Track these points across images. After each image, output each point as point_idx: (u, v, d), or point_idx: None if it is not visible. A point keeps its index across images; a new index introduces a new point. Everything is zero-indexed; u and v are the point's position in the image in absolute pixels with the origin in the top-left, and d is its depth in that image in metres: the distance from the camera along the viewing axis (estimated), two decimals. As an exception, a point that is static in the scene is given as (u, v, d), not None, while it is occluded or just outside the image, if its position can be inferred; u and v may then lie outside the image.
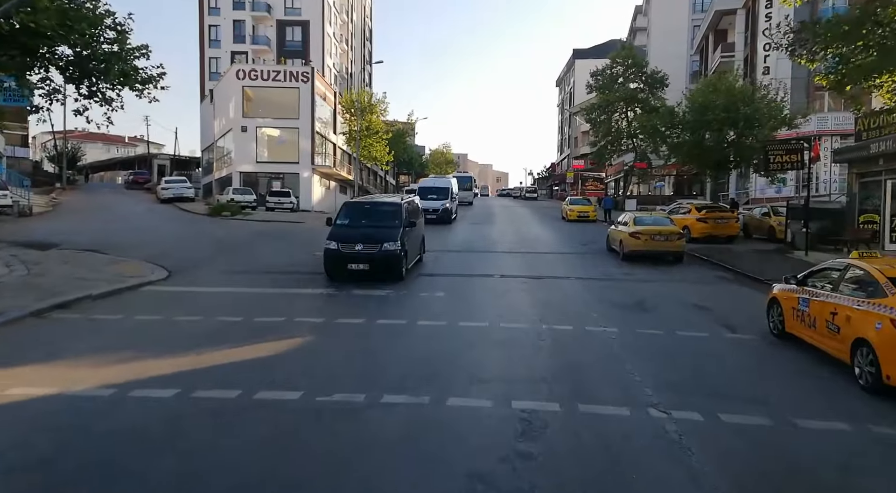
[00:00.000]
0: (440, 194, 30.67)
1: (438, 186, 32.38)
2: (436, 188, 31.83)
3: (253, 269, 15.58)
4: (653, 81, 41.71)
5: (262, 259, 17.39)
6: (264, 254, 18.39)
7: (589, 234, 27.43)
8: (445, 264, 17.28)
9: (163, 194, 35.70)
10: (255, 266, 16.02)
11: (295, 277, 14.60)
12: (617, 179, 53.74)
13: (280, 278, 14.33)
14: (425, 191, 30.71)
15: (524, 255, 19.77)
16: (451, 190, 31.79)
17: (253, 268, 15.71)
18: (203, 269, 15.25)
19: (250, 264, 16.32)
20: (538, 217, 38.99)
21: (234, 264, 16.28)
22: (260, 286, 13.32)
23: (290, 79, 42.90)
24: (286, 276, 14.73)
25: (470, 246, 21.85)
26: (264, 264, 16.38)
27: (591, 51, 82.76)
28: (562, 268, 17.09)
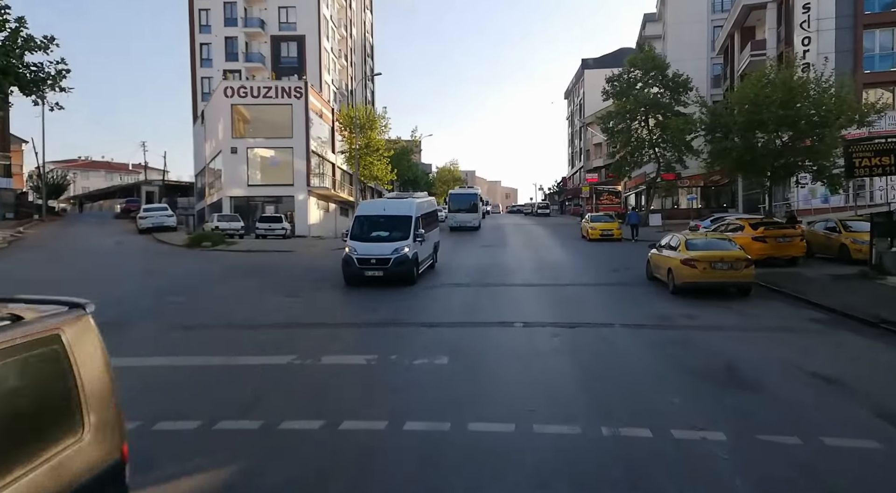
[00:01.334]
0: (394, 230, 16.91)
1: (379, 215, 17.71)
2: (383, 219, 17.46)
3: (209, 321, 12.07)
4: (675, 85, 38.23)
5: (223, 307, 13.89)
6: (227, 299, 14.90)
7: (618, 256, 23.78)
8: (452, 306, 13.70)
9: (141, 224, 32.56)
10: (213, 318, 12.51)
11: (257, 334, 11.08)
12: (638, 193, 50.03)
13: (238, 338, 10.81)
14: None
15: (548, 289, 16.13)
16: (410, 221, 17.05)
17: (209, 321, 12.20)
18: (140, 324, 11.76)
19: (207, 316, 12.81)
20: (555, 236, 35.38)
21: (187, 315, 12.79)
22: (207, 352, 9.80)
23: (283, 95, 39.86)
24: (247, 332, 11.20)
25: (482, 277, 18.26)
26: (224, 315, 12.87)
27: (600, 61, 79.77)
28: (599, 308, 13.43)
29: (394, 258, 15.97)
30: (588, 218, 32.82)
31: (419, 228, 17.16)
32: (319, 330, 11.44)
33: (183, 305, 13.88)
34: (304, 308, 13.71)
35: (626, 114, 38.27)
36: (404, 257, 16.10)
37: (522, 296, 15.08)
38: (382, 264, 15.99)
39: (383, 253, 16.02)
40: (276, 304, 14.17)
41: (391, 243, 16.32)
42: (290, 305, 14.07)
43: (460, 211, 37.86)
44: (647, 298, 14.53)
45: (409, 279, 16.23)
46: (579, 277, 18.49)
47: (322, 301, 14.70)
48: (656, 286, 15.77)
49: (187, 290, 15.97)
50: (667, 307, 13.24)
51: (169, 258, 23.51)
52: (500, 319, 12.11)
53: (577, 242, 31.33)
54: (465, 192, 42.27)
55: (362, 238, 16.74)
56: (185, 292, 15.48)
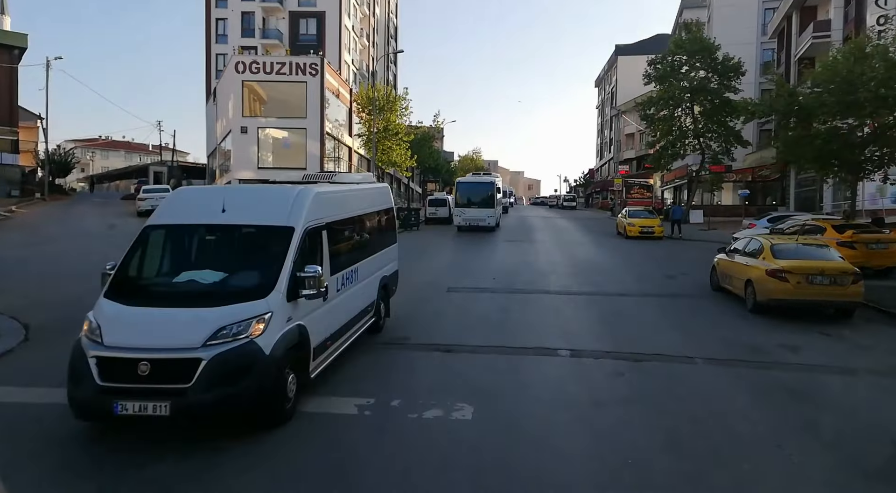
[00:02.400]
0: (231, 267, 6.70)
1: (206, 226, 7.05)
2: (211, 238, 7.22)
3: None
4: (724, 70, 34.72)
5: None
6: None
7: (668, 259, 20.81)
8: (475, 319, 10.93)
9: (141, 206, 30.21)
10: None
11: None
12: (677, 187, 46.58)
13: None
14: None
15: (592, 299, 13.26)
16: (285, 247, 6.34)
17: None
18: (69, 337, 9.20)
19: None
20: (587, 232, 32.37)
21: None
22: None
23: (297, 71, 37.20)
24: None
25: (510, 280, 15.46)
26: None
27: (634, 47, 75.99)
28: (665, 329, 10.52)
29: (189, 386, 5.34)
30: (625, 213, 29.72)
31: (313, 260, 6.60)
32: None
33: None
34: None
35: (669, 99, 34.91)
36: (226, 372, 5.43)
37: (562, 308, 12.24)
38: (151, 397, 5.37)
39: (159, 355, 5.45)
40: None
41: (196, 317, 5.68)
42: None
43: (471, 205, 29.33)
44: (722, 316, 11.60)
45: None
46: (627, 283, 15.56)
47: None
48: (727, 300, 12.80)
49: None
50: (752, 332, 10.32)
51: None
52: (538, 342, 9.32)
53: (613, 239, 28.30)
54: (478, 180, 33.09)
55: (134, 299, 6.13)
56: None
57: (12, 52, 47.16)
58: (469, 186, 31.34)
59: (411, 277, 16.16)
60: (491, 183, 31.32)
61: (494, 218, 29.94)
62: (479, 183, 31.90)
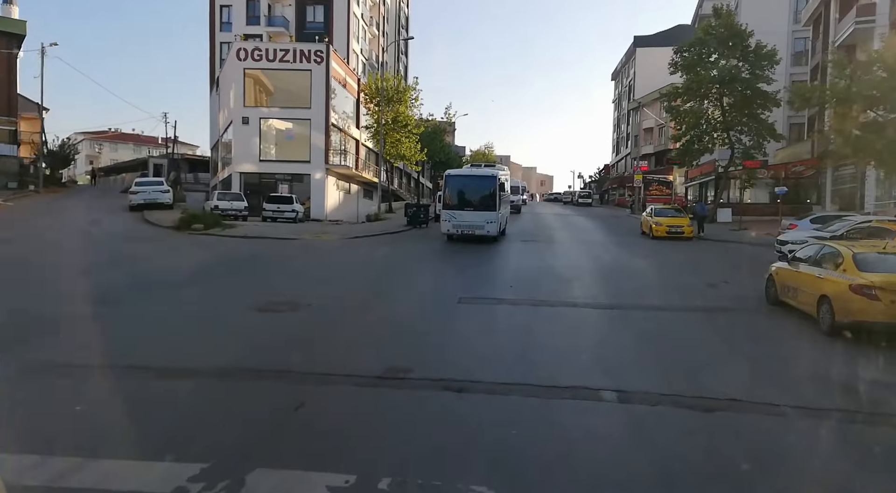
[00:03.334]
0: None
1: None
2: None
3: (109, 356, 7.59)
4: (756, 58, 32.34)
5: (155, 327, 9.42)
6: (171, 312, 10.43)
7: (704, 264, 18.73)
8: (488, 342, 8.98)
9: (132, 200, 28.52)
10: (123, 349, 8.06)
11: (166, 391, 6.58)
12: (703, 183, 44.17)
13: (121, 403, 6.26)
14: None
15: (629, 314, 11.24)
16: None
17: (112, 353, 7.73)
18: (7, 355, 7.37)
19: (118, 344, 8.34)
20: (608, 231, 30.28)
21: (88, 339, 8.37)
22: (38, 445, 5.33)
23: (301, 59, 35.31)
24: (150, 387, 6.69)
25: (531, 288, 13.51)
26: (144, 343, 8.38)
27: (654, 38, 73.48)
28: (727, 360, 8.48)
29: None
30: (651, 211, 27.56)
31: None
32: (278, 389, 6.83)
33: (101, 318, 9.45)
34: (272, 334, 9.15)
35: (696, 90, 32.59)
36: None
37: (594, 326, 10.25)
38: None
39: None
40: (236, 324, 9.65)
41: None
42: (256, 327, 9.54)
43: (464, 206, 21.91)
44: (791, 341, 9.56)
45: None
46: (665, 293, 13.53)
47: (306, 322, 10.10)
48: (791, 318, 10.74)
49: (129, 293, 11.58)
50: (838, 365, 8.28)
51: (143, 244, 19.28)
52: (573, 377, 7.34)
53: (638, 239, 26.19)
54: (475, 173, 24.89)
55: None
56: (122, 297, 11.07)
57: (11, 41, 45.74)
58: (462, 180, 23.46)
59: (417, 283, 14.32)
60: (492, 177, 22.94)
61: (496, 224, 21.93)
62: (477, 177, 23.81)
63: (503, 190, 24.70)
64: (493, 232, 21.88)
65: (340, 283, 13.93)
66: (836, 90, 18.22)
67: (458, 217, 21.79)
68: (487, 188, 22.50)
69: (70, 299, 10.54)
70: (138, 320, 9.44)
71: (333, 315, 10.53)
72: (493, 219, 21.91)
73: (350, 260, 18.40)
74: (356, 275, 15.53)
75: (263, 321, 9.89)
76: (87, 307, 9.93)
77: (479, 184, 22.90)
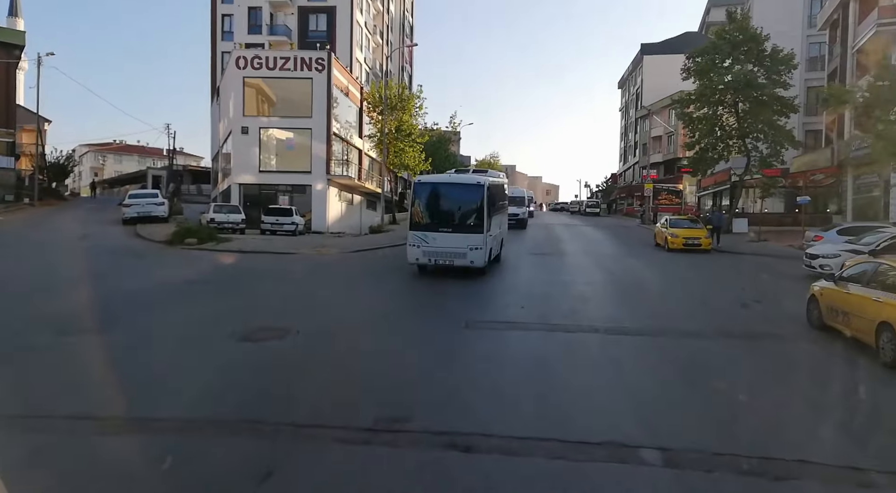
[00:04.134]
0: None
1: None
2: None
3: (59, 400, 6.44)
4: (772, 63, 31.17)
5: (122, 362, 8.22)
6: (144, 342, 9.24)
7: (726, 278, 17.46)
8: (499, 380, 7.76)
9: (125, 213, 27.46)
10: (71, 393, 6.89)
11: (117, 448, 5.40)
12: (716, 192, 42.85)
13: (59, 467, 5.06)
14: None
15: (655, 342, 9.98)
16: None
17: (64, 396, 6.57)
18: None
19: (67, 392, 7.17)
20: (620, 243, 29.01)
21: (38, 378, 7.21)
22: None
23: (302, 67, 34.39)
24: (91, 444, 5.50)
25: (545, 309, 12.28)
26: (101, 385, 7.19)
27: (661, 45, 72.53)
28: (783, 402, 7.21)
29: None
30: (666, 222, 26.29)
31: None
32: (246, 448, 5.62)
33: (49, 351, 8.28)
34: (251, 372, 7.96)
35: (710, 96, 31.42)
36: None
37: (621, 358, 8.98)
38: None
39: None
40: (212, 358, 8.45)
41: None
42: (233, 362, 8.33)
43: (441, 226, 15.51)
44: (850, 376, 8.28)
45: None
46: (694, 315, 12.27)
47: (290, 356, 8.89)
48: (840, 345, 9.44)
49: (97, 319, 10.40)
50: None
51: (129, 261, 18.16)
52: (604, 428, 6.09)
53: (653, 251, 24.93)
54: (456, 180, 17.77)
55: None
56: (86, 325, 9.89)
57: (11, 52, 45.11)
58: (436, 190, 16.43)
59: (419, 304, 13.12)
60: (478, 186, 16.03)
61: (483, 251, 15.34)
62: (457, 185, 16.85)
63: (496, 202, 17.79)
64: (478, 262, 15.11)
65: (335, 304, 12.74)
66: (876, 91, 17.01)
67: (431, 241, 15.07)
68: (472, 201, 15.56)
69: (21, 327, 9.40)
70: (96, 353, 8.27)
71: (323, 345, 9.32)
72: (479, 243, 15.02)
73: (348, 277, 17.23)
74: (353, 294, 14.33)
75: (243, 354, 8.70)
76: (40, 337, 8.77)
77: (461, 195, 16.02)
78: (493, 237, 16.68)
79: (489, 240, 15.82)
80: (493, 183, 17.92)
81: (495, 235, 17.14)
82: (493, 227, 16.62)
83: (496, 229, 17.33)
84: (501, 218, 19.47)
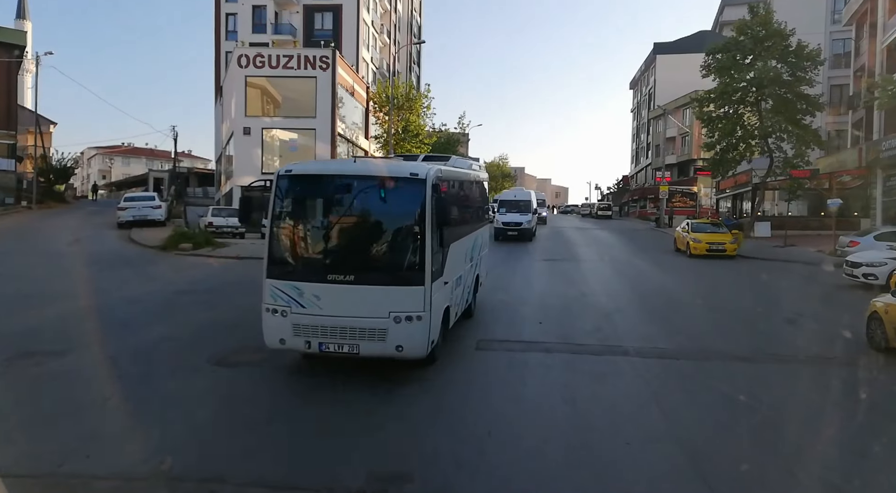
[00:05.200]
0: None
1: None
2: None
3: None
4: (797, 60, 29.66)
5: (76, 395, 7.01)
6: (105, 368, 8.00)
7: (759, 287, 16.06)
8: (521, 426, 6.45)
9: (120, 217, 26.37)
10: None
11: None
12: (736, 195, 41.29)
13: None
14: None
15: (698, 367, 8.64)
16: None
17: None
18: None
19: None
20: (637, 248, 27.60)
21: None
22: None
23: (306, 65, 33.26)
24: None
25: (563, 327, 10.95)
26: (22, 438, 5.96)
27: (675, 44, 71.04)
28: (888, 456, 5.88)
29: None
30: (687, 226, 24.85)
31: None
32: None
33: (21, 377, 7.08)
34: (219, 409, 6.69)
35: (732, 94, 29.94)
36: None
37: (661, 391, 7.61)
38: None
39: None
40: (178, 391, 7.19)
41: None
42: (202, 397, 7.06)
43: (332, 269, 7.35)
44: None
45: None
46: (735, 333, 10.88)
47: (269, 386, 7.62)
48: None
49: (59, 340, 9.19)
50: None
51: (117, 269, 16.98)
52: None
53: (673, 257, 23.54)
54: (364, 172, 8.07)
55: None
56: (43, 347, 8.68)
57: (11, 52, 44.34)
58: (323, 191, 7.98)
59: None
60: (413, 183, 7.54)
61: (425, 322, 7.26)
62: (363, 181, 7.79)
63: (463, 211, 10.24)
64: (412, 346, 7.22)
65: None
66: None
67: (310, 304, 7.27)
68: (401, 215, 7.65)
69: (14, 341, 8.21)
70: (36, 386, 7.02)
71: (308, 371, 8.03)
72: (415, 306, 7.20)
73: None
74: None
75: (213, 384, 7.45)
76: (25, 356, 7.56)
77: (373, 204, 7.69)
78: (451, 285, 8.66)
79: (440, 295, 7.83)
80: (450, 175, 9.22)
81: (458, 277, 9.27)
82: (453, 263, 8.69)
83: (459, 266, 9.34)
84: (473, 238, 11.13)
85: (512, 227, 26.45)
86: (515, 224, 26.36)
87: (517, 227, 26.51)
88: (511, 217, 26.83)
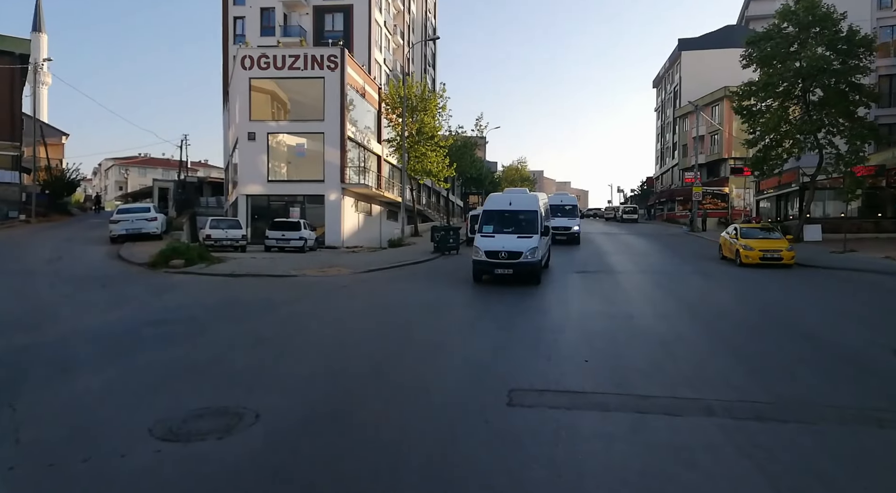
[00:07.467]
0: None
1: None
2: None
3: None
4: (849, 47, 26.93)
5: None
6: (56, 425, 5.82)
7: (833, 304, 13.51)
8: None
9: (113, 230, 24.55)
10: None
11: None
12: (780, 195, 38.35)
13: None
14: None
15: (819, 435, 6.18)
16: None
17: None
18: None
19: None
20: (675, 255, 25.04)
21: None
22: None
23: (313, 65, 31.36)
24: None
25: (615, 370, 8.55)
26: None
27: (701, 40, 68.33)
28: None
29: None
30: (735, 231, 22.24)
31: None
32: None
33: None
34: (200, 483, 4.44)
35: (777, 85, 27.28)
36: None
37: (785, 477, 5.21)
38: None
39: None
40: (98, 481, 4.96)
41: None
42: (165, 458, 4.82)
43: None
44: None
45: None
46: (844, 380, 8.35)
47: (230, 473, 5.34)
48: None
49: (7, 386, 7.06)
50: None
51: (91, 291, 14.94)
52: None
53: (720, 266, 20.95)
54: None
55: None
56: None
57: (14, 60, 43.08)
58: None
59: (440, 355, 9.13)
60: None
61: None
62: None
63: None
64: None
65: (321, 357, 9.22)
66: None
67: None
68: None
69: None
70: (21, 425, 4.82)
71: (286, 445, 5.73)
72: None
73: (350, 310, 13.69)
74: (349, 337, 10.72)
75: (150, 476, 5.18)
76: None
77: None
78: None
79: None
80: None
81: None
82: None
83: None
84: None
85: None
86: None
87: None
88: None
